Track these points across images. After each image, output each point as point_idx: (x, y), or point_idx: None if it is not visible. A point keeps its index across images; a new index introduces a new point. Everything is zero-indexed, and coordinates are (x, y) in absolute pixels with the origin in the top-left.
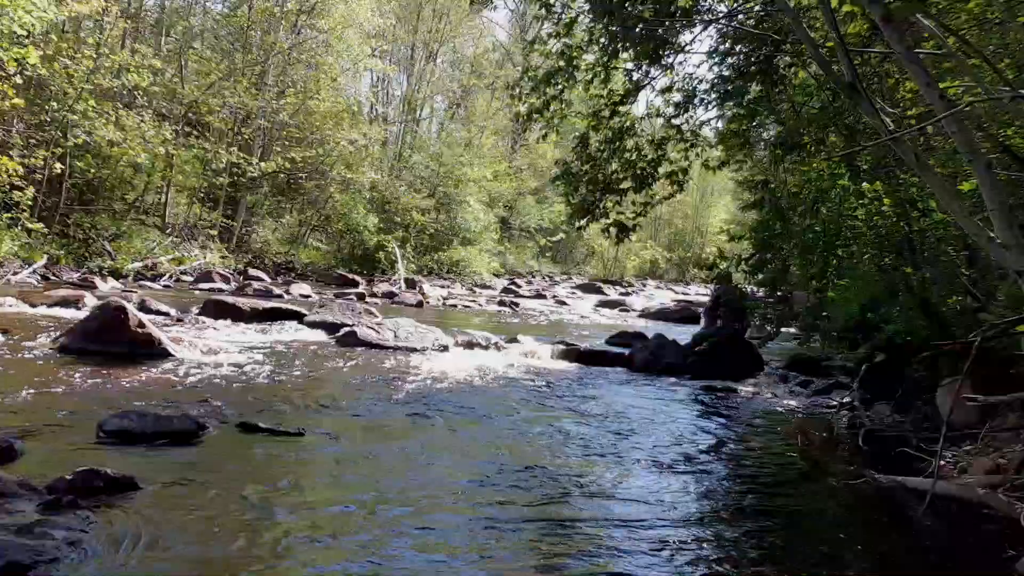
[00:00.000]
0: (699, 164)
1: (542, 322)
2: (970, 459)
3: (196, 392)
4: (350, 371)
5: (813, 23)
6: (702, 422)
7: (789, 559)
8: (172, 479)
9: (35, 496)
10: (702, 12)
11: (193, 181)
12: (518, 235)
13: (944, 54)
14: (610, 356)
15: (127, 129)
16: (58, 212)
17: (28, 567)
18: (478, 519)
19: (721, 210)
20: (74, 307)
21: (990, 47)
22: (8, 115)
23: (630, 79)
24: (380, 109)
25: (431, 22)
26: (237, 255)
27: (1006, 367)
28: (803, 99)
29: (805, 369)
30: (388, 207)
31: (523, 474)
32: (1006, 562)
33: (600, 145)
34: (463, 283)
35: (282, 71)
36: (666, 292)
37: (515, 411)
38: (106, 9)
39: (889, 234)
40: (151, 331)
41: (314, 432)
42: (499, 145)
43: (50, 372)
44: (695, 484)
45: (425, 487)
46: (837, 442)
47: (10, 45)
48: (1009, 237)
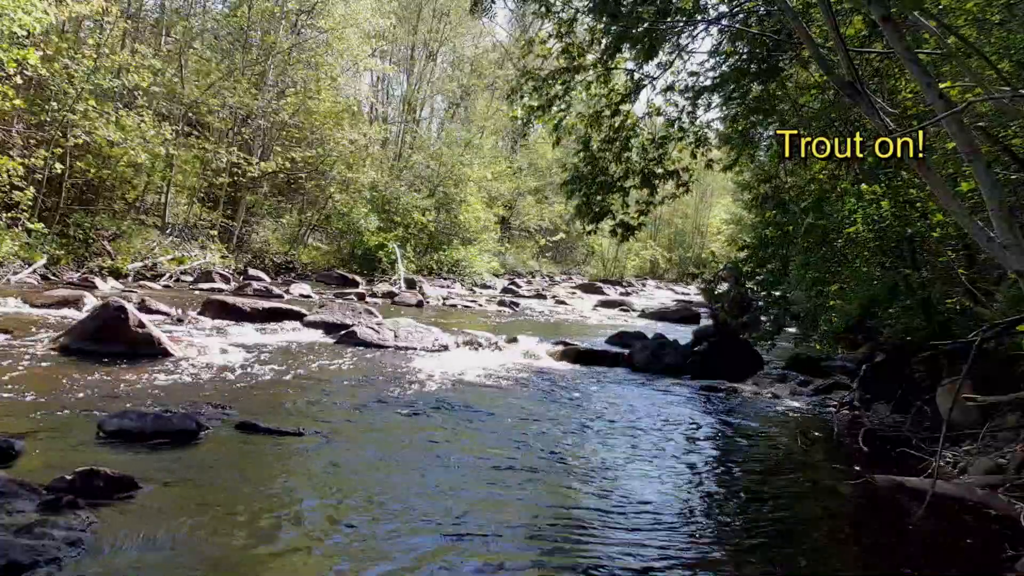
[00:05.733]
0: (702, 164)
1: (542, 322)
2: (970, 459)
3: (196, 392)
4: (350, 371)
5: (813, 16)
6: (702, 422)
7: (789, 559)
8: (172, 479)
9: (35, 496)
10: (702, 12)
11: (193, 181)
12: (518, 235)
13: (944, 54)
14: (610, 356)
15: (127, 129)
16: (58, 212)
17: (28, 567)
18: (478, 519)
19: (721, 210)
20: (74, 307)
21: (988, 47)
22: (8, 115)
23: (631, 78)
24: (380, 109)
25: (431, 22)
26: (237, 255)
27: (1006, 367)
28: (804, 99)
29: (805, 369)
30: (388, 207)
31: (523, 474)
32: (1006, 562)
33: (601, 145)
34: (463, 283)
35: (282, 71)
36: (666, 292)
37: (515, 411)
38: (106, 9)
39: (889, 234)
40: (151, 331)
41: (314, 432)
42: (499, 145)
43: (50, 372)
44: (694, 484)
45: (425, 487)
46: (837, 442)
47: (10, 46)
48: (1009, 237)
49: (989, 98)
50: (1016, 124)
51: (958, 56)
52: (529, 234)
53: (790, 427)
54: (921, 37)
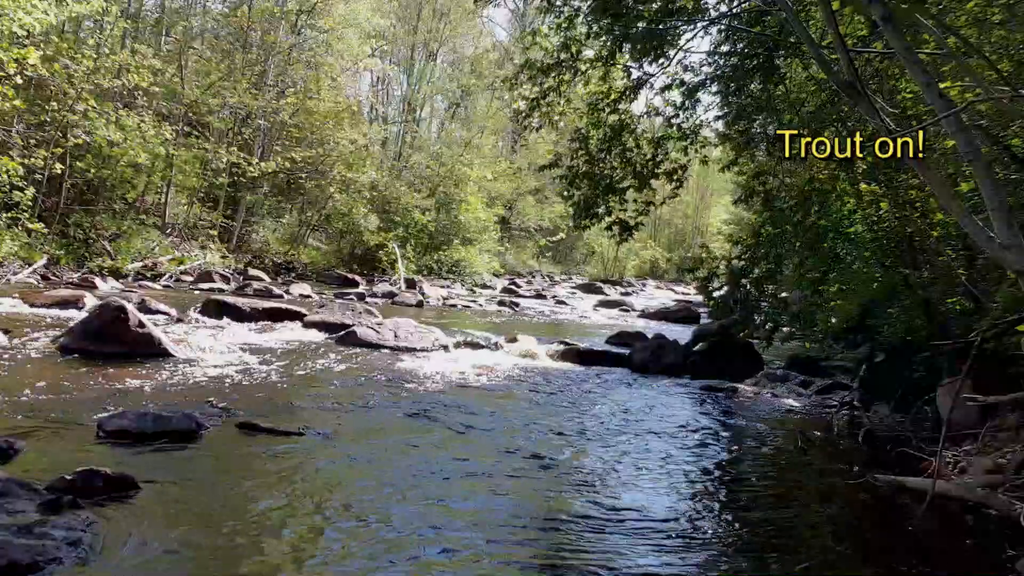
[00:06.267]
0: (698, 162)
1: (542, 322)
2: (970, 459)
3: (196, 392)
4: (350, 371)
5: (812, 14)
6: (702, 422)
7: (789, 559)
8: (172, 479)
9: (35, 496)
10: (702, 11)
11: (193, 181)
12: (518, 235)
13: (944, 54)
14: (610, 356)
15: (127, 129)
16: (58, 212)
17: (28, 567)
18: (478, 519)
19: (721, 210)
20: (74, 307)
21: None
22: (8, 115)
23: (628, 76)
24: (380, 109)
25: (431, 22)
26: (237, 255)
27: (1006, 367)
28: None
29: (805, 369)
30: (388, 207)
31: (522, 474)
32: (1006, 562)
33: (599, 143)
34: (463, 283)
35: (282, 71)
36: (666, 292)
37: (515, 411)
38: (106, 9)
39: (889, 234)
40: (151, 331)
41: (314, 432)
42: (499, 145)
43: (50, 372)
44: (694, 485)
45: (425, 487)
46: (837, 442)
47: (10, 45)
48: (1009, 237)
49: (989, 98)
50: (1016, 124)
51: (958, 56)
52: (529, 234)
53: (790, 427)
54: (921, 37)
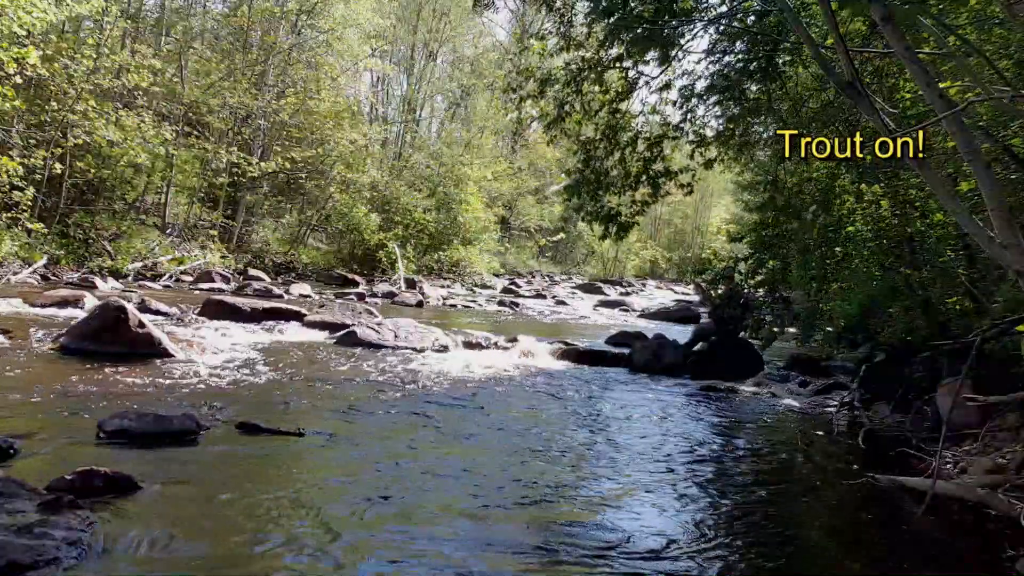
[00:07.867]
0: (701, 164)
1: (542, 322)
2: (970, 459)
3: (196, 392)
4: (350, 371)
5: (813, 17)
6: (702, 422)
7: (789, 559)
8: (172, 479)
9: (35, 496)
10: (702, 11)
11: (193, 181)
12: (518, 235)
13: (944, 54)
14: (610, 356)
15: (127, 129)
16: (58, 212)
17: (28, 567)
18: (478, 519)
19: (721, 210)
20: (74, 307)
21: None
22: (8, 115)
23: (626, 77)
24: (380, 109)
25: (431, 22)
26: (237, 255)
27: (1006, 367)
28: (804, 97)
29: (805, 369)
30: (388, 207)
31: (522, 474)
32: (1006, 562)
33: (598, 144)
34: (463, 283)
35: (282, 71)
36: (666, 292)
37: (515, 412)
38: (106, 9)
39: (889, 234)
40: (151, 331)
41: (314, 432)
42: (499, 145)
43: (50, 372)
44: (694, 484)
45: (425, 487)
46: (837, 442)
47: (10, 45)
48: (1009, 237)
49: (989, 98)
50: (1016, 124)
51: (958, 56)
52: (529, 234)
53: (790, 427)
54: (921, 37)
